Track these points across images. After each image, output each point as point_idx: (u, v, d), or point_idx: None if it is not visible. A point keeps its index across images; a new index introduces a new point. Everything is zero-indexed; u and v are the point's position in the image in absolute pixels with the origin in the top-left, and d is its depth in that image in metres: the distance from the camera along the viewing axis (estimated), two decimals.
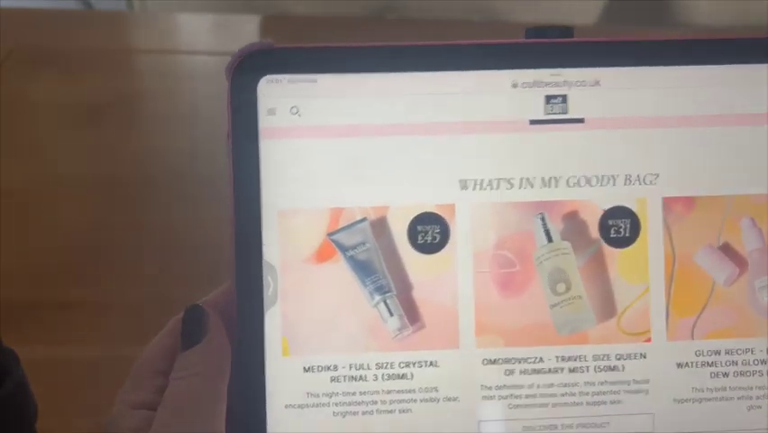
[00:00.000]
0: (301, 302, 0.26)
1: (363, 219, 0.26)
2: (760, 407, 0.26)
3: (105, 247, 0.55)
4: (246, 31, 0.91)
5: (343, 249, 0.26)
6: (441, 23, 1.00)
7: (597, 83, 0.26)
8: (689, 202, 0.26)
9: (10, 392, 0.26)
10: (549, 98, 0.26)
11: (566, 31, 0.26)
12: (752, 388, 0.26)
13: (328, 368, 0.26)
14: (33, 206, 0.59)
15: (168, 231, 0.56)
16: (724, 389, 0.26)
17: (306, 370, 0.26)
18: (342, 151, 0.26)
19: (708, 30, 1.04)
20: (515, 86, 0.26)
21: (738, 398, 0.26)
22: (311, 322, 0.26)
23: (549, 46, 0.26)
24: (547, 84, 0.26)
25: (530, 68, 0.26)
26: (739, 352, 0.26)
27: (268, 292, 0.25)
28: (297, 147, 0.25)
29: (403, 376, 0.26)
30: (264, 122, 0.25)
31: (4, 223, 0.56)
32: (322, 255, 0.26)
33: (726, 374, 0.26)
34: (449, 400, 0.26)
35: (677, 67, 0.26)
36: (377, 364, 0.26)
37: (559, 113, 0.26)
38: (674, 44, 0.26)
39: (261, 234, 0.25)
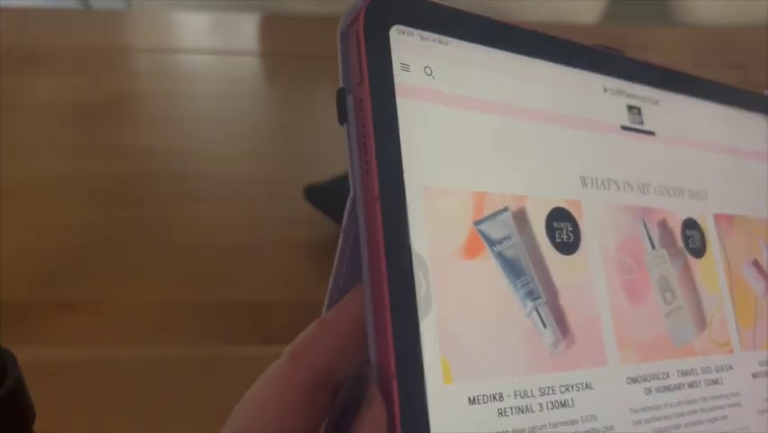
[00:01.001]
0: (458, 309, 0.20)
1: (505, 209, 0.22)
2: None
3: (105, 247, 0.55)
4: (245, 30, 0.91)
5: (491, 243, 0.21)
6: None
7: (656, 102, 0.28)
8: (729, 220, 0.28)
9: (7, 393, 0.26)
10: (630, 108, 0.27)
11: (620, 54, 0.28)
12: None
13: (494, 398, 0.21)
14: (33, 206, 0.59)
15: (168, 231, 0.56)
16: None
17: (471, 402, 0.20)
18: (483, 127, 0.22)
19: (709, 29, 1.03)
20: (605, 90, 0.26)
21: None
22: (470, 336, 0.21)
23: (628, 60, 0.27)
24: (628, 94, 0.27)
25: (616, 77, 0.27)
26: None
27: (421, 294, 0.20)
28: (435, 113, 0.22)
29: (565, 404, 0.22)
30: (400, 78, 0.21)
31: (4, 223, 0.56)
32: (471, 249, 0.21)
33: None
34: (607, 429, 0.22)
35: (717, 105, 0.29)
36: (540, 390, 0.21)
37: (638, 123, 0.27)
38: (720, 85, 0.29)
39: (408, 217, 0.20)
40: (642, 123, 0.27)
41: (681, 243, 0.27)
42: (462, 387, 0.20)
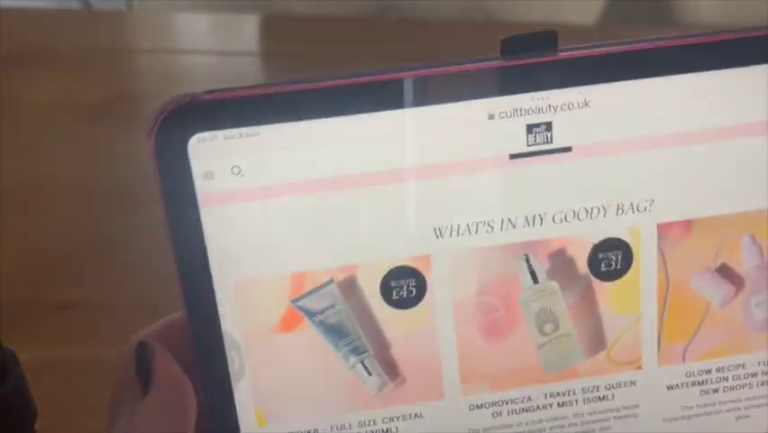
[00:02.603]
0: (272, 373, 0.24)
1: (330, 281, 0.23)
2: (748, 416, 0.26)
3: (104, 247, 0.55)
4: (246, 30, 0.91)
5: (310, 314, 0.23)
6: (441, 23, 1.00)
7: (586, 104, 0.22)
8: (686, 226, 0.25)
9: (9, 393, 0.26)
10: (531, 127, 0.22)
11: (548, 38, 0.22)
12: (740, 400, 0.26)
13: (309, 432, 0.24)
14: (33, 206, 0.59)
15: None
16: (713, 404, 0.26)
17: None
18: (298, 210, 0.22)
19: (708, 28, 1.04)
20: (491, 117, 0.22)
21: (727, 411, 0.26)
22: (285, 391, 0.24)
23: (529, 66, 0.22)
24: (528, 111, 0.22)
25: (508, 94, 0.22)
26: (730, 368, 0.26)
27: (234, 368, 0.23)
28: (243, 211, 0.22)
29: (387, 431, 0.25)
30: (202, 188, 0.21)
31: (3, 223, 0.56)
32: (287, 323, 0.23)
33: (716, 390, 0.26)
34: None
35: (673, 76, 0.23)
36: (359, 423, 0.25)
37: (543, 143, 0.23)
38: (669, 50, 0.23)
39: (217, 309, 0.23)
40: (550, 140, 0.23)
41: (585, 269, 0.24)
42: (275, 427, 0.24)
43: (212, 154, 0.21)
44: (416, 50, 0.86)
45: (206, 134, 0.21)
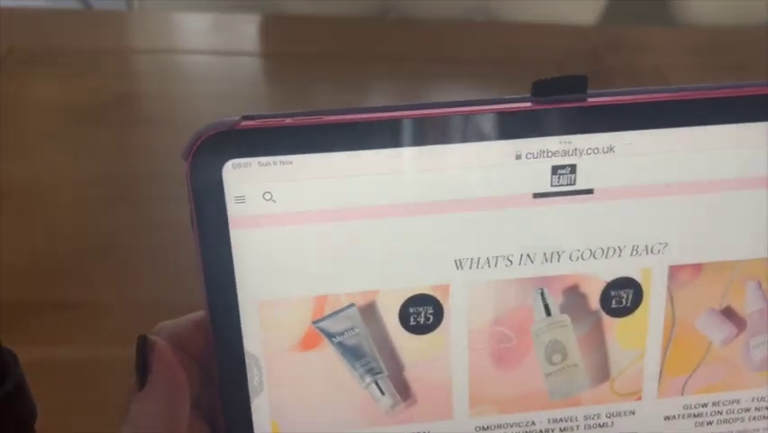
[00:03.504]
0: (289, 389, 0.25)
1: (351, 305, 0.24)
2: None
3: (104, 247, 0.55)
4: (246, 30, 0.91)
5: (330, 336, 0.25)
6: (441, 23, 1.00)
7: (610, 149, 0.23)
8: (696, 269, 0.25)
9: (9, 393, 0.26)
10: (556, 169, 0.23)
11: (579, 82, 0.23)
12: (732, 432, 0.27)
13: None
14: (33, 206, 0.59)
15: (168, 231, 0.56)
16: None
17: None
18: (325, 236, 0.23)
19: (709, 29, 1.04)
20: (518, 157, 0.23)
21: None
22: (301, 406, 0.25)
23: (558, 110, 0.23)
24: (555, 153, 0.23)
25: (537, 136, 0.23)
26: (725, 403, 0.27)
27: (253, 382, 0.24)
28: (272, 236, 0.23)
29: None
30: (233, 211, 0.22)
31: (4, 223, 0.56)
32: (307, 343, 0.25)
33: (710, 423, 0.27)
34: None
35: (693, 127, 0.23)
36: None
37: (566, 184, 0.24)
38: (691, 103, 0.23)
39: (241, 327, 0.24)
40: (573, 182, 0.24)
41: (597, 305, 0.25)
42: None
43: (245, 180, 0.22)
44: (417, 51, 0.86)
45: (241, 161, 0.22)
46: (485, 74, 0.81)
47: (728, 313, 0.26)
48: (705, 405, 0.27)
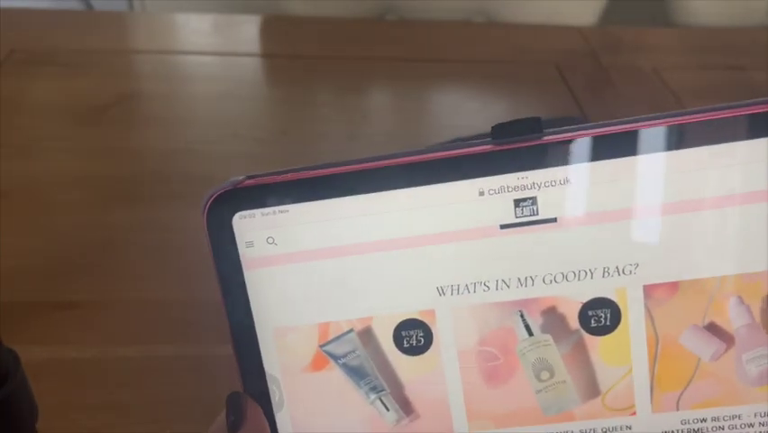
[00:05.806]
0: (307, 405, 0.28)
1: (350, 330, 0.28)
2: None
3: (104, 247, 0.55)
4: (247, 31, 0.91)
5: (335, 358, 0.28)
6: (441, 24, 1.00)
7: (567, 181, 0.25)
8: (672, 287, 0.26)
9: (10, 393, 0.26)
10: (518, 202, 0.26)
11: (534, 123, 0.25)
12: None
13: None
14: (33, 206, 0.59)
15: (167, 231, 0.56)
16: None
17: None
18: (323, 271, 0.27)
19: (708, 29, 1.04)
20: (481, 193, 0.26)
21: None
22: (318, 420, 0.29)
23: (514, 151, 0.25)
24: (515, 188, 0.26)
25: (496, 174, 0.25)
26: (726, 418, 0.27)
27: (275, 399, 0.28)
28: (278, 273, 0.27)
29: None
30: (244, 254, 0.27)
31: (4, 223, 0.56)
32: (317, 364, 0.28)
33: None
34: None
35: (644, 155, 0.25)
36: None
37: (530, 215, 0.26)
38: (638, 133, 0.25)
39: (260, 351, 0.28)
40: (536, 213, 0.26)
41: (576, 324, 0.27)
42: None
43: (251, 228, 0.27)
44: (416, 51, 0.86)
45: (247, 212, 0.26)
46: (485, 74, 0.81)
47: (713, 329, 0.27)
48: (704, 420, 0.27)
